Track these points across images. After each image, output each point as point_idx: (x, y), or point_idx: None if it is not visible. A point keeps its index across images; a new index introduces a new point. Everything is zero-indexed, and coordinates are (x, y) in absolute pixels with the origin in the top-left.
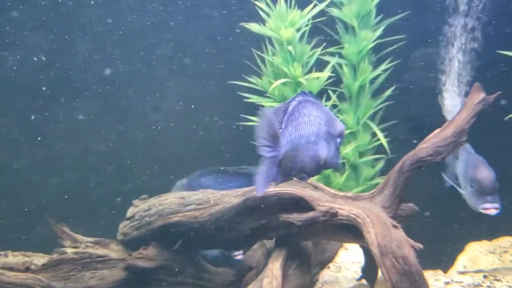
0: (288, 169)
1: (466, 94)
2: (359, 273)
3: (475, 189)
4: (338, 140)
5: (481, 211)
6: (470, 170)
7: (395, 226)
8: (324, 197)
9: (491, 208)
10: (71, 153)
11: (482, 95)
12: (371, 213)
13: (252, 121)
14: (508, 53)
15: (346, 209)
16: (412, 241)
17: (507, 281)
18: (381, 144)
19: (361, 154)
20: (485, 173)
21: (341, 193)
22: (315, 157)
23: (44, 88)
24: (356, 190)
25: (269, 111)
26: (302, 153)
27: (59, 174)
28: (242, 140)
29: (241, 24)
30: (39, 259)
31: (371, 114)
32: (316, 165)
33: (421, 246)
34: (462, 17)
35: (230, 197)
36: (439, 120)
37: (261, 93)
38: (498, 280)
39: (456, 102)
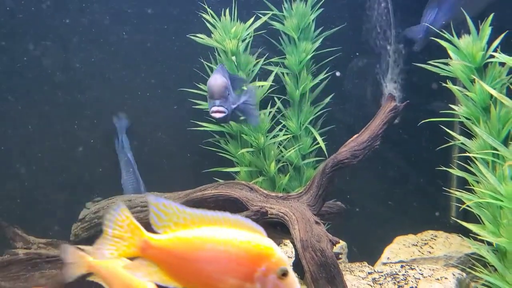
0: None
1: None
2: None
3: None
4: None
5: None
6: None
7: (317, 223)
8: (258, 197)
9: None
10: (25, 156)
11: (393, 104)
12: (297, 211)
13: (202, 126)
14: (422, 65)
15: (276, 208)
16: (330, 236)
17: (420, 269)
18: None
19: (304, 157)
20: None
21: (273, 193)
22: None
23: None
24: (299, 190)
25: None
26: None
27: (15, 178)
28: (192, 143)
29: (189, 35)
30: None
31: (313, 119)
32: None
33: (338, 240)
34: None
35: (173, 199)
36: None
37: None
38: (412, 269)
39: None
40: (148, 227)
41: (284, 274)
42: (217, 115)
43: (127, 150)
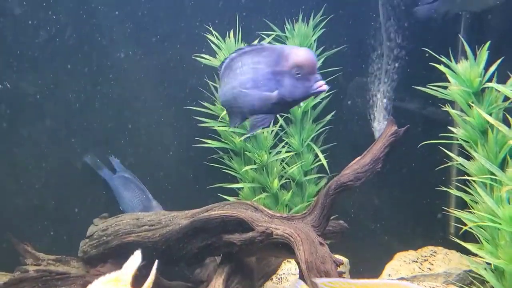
0: (240, 113)
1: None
2: None
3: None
4: (294, 71)
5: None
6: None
7: (321, 244)
8: (263, 218)
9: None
10: (33, 171)
11: (394, 128)
12: (301, 232)
13: (206, 143)
14: (421, 88)
15: (281, 228)
16: (334, 257)
17: (420, 287)
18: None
19: (306, 173)
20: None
21: (278, 214)
22: (261, 99)
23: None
24: (301, 206)
25: None
26: (243, 99)
27: (23, 192)
28: (196, 160)
29: (194, 56)
30: (1, 278)
31: (314, 136)
32: (267, 104)
33: (342, 261)
34: (387, 49)
35: (180, 218)
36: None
37: (215, 118)
38: None
39: (382, 126)
40: (157, 245)
41: None
42: (325, 87)
43: (122, 171)
